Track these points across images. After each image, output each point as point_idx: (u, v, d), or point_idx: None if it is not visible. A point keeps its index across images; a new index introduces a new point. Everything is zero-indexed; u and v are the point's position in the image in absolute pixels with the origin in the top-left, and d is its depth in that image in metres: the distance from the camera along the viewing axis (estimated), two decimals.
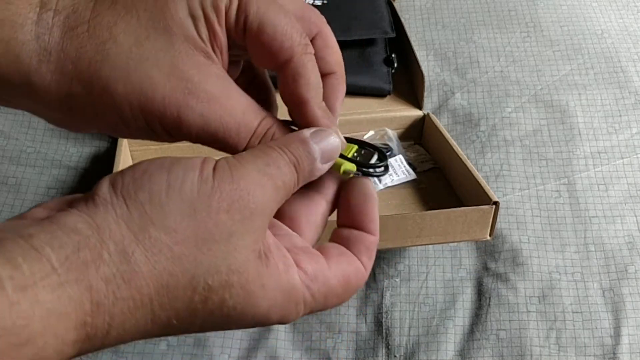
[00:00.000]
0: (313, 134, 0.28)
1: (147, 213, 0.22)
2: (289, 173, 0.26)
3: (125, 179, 0.23)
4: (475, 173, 0.55)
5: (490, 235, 0.53)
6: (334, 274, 0.27)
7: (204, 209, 0.23)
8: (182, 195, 0.23)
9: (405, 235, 0.51)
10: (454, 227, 0.51)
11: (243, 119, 0.27)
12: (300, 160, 0.26)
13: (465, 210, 0.51)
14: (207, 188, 0.23)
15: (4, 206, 0.59)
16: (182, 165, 0.23)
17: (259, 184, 0.24)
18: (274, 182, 0.25)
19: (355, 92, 0.68)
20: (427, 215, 0.51)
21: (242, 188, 0.24)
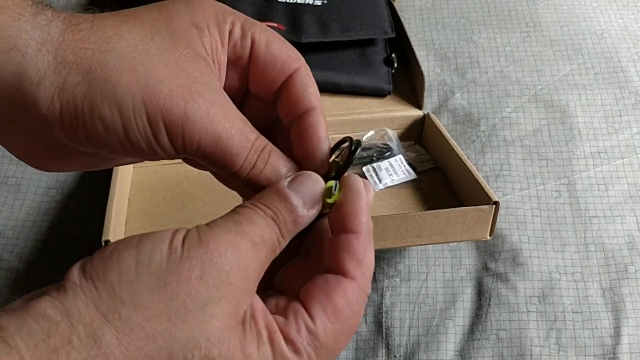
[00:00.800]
0: (290, 182, 0.26)
1: (116, 292, 0.21)
2: (266, 227, 0.24)
3: (94, 261, 0.22)
4: (475, 173, 0.55)
5: (491, 235, 0.53)
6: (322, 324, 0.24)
7: (174, 280, 0.22)
8: (151, 270, 0.22)
9: (406, 235, 0.51)
10: (454, 227, 0.51)
11: (243, 128, 0.26)
12: (279, 213, 0.25)
13: (465, 210, 0.51)
14: (176, 257, 0.22)
15: (4, 206, 0.59)
16: (151, 239, 0.23)
17: (231, 245, 0.23)
18: (250, 239, 0.24)
19: (355, 92, 0.68)
20: (427, 215, 0.51)
21: (212, 251, 0.22)
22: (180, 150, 0.26)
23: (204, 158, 0.26)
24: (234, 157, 0.26)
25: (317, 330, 0.24)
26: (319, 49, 0.69)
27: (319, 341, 0.24)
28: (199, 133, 0.25)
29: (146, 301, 0.21)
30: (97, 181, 0.62)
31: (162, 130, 0.25)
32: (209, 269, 0.22)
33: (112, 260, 0.22)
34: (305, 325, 0.24)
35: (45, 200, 0.60)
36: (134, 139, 0.25)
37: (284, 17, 0.70)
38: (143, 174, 0.63)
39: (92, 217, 0.59)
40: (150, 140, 0.25)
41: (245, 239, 0.23)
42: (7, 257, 0.56)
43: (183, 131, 0.25)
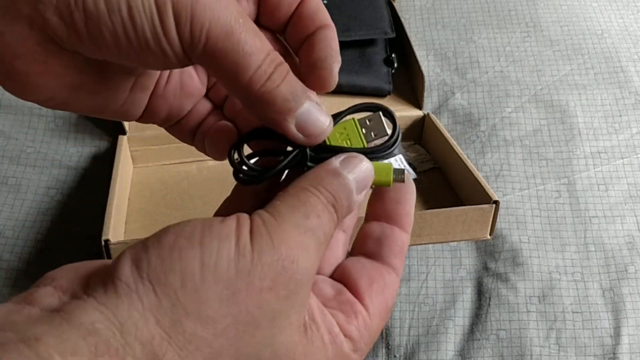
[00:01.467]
0: (343, 163, 0.24)
1: (180, 301, 0.18)
2: (329, 220, 0.23)
3: (152, 258, 0.19)
4: (475, 172, 0.55)
5: (491, 234, 0.53)
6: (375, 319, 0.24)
7: (244, 289, 0.19)
8: (219, 276, 0.19)
9: None
10: (454, 226, 0.51)
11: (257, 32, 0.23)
12: (338, 198, 0.23)
13: (466, 209, 0.51)
14: (246, 263, 0.19)
15: (4, 206, 0.59)
16: (216, 236, 0.20)
17: (302, 247, 0.21)
18: (317, 238, 0.22)
19: (355, 92, 0.68)
20: (427, 214, 0.51)
21: (285, 257, 0.20)
22: (187, 40, 0.22)
23: (213, 57, 0.22)
24: (248, 56, 0.22)
25: (372, 326, 0.24)
26: None
27: (371, 336, 0.24)
28: (210, 19, 0.22)
29: (214, 313, 0.19)
30: (97, 181, 0.62)
31: (169, 11, 0.21)
32: (282, 278, 0.20)
33: (174, 260, 0.19)
34: (364, 323, 0.24)
35: (45, 200, 0.60)
36: (138, 22, 0.21)
37: None
38: (143, 174, 0.63)
39: (92, 217, 0.59)
40: (155, 23, 0.21)
41: (314, 238, 0.22)
42: (7, 257, 0.56)
43: (192, 15, 0.21)
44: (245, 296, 0.19)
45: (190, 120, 0.29)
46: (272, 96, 0.23)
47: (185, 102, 0.28)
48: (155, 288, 0.18)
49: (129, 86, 0.26)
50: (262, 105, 0.23)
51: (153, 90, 0.27)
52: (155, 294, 0.18)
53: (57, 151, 0.64)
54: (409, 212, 0.27)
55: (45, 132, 0.65)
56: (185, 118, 0.29)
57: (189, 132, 0.29)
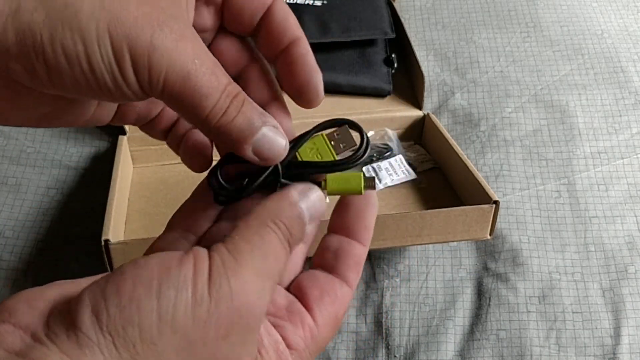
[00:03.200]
0: (301, 194, 0.25)
1: (139, 354, 0.19)
2: (284, 256, 0.23)
3: (110, 309, 0.19)
4: (475, 173, 0.55)
5: (491, 234, 0.53)
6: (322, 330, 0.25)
7: (200, 339, 0.20)
8: (176, 327, 0.19)
9: (405, 234, 0.51)
10: (454, 226, 0.51)
11: (214, 69, 0.24)
12: (293, 232, 0.24)
13: (466, 209, 0.51)
14: (203, 312, 0.20)
15: (4, 206, 0.59)
16: (173, 285, 0.20)
17: (259, 293, 0.21)
18: (273, 280, 0.22)
19: (355, 92, 0.68)
20: (427, 214, 0.51)
21: (242, 306, 0.21)
22: (146, 85, 0.23)
23: (171, 98, 0.23)
24: (204, 98, 0.23)
25: (320, 336, 0.25)
26: (319, 49, 0.69)
27: (318, 345, 0.25)
28: (167, 66, 0.22)
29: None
30: (97, 181, 0.62)
31: (127, 61, 0.22)
32: (237, 327, 0.21)
33: (132, 312, 0.19)
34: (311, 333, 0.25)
35: (45, 200, 0.60)
36: (97, 72, 0.22)
37: None
38: (143, 174, 0.63)
39: (92, 217, 0.59)
40: (114, 72, 0.22)
41: (270, 281, 0.22)
42: (7, 257, 0.56)
43: (149, 63, 0.22)
44: (201, 346, 0.20)
45: (161, 122, 0.30)
46: (228, 129, 0.24)
47: (153, 107, 0.29)
48: (115, 341, 0.19)
49: (95, 104, 0.27)
50: (220, 136, 0.25)
51: None
52: (115, 347, 0.19)
53: (57, 151, 0.64)
54: (369, 226, 0.27)
55: (45, 132, 0.65)
56: (156, 120, 0.30)
57: (161, 132, 0.30)
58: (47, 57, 0.22)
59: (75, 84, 0.22)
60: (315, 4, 0.72)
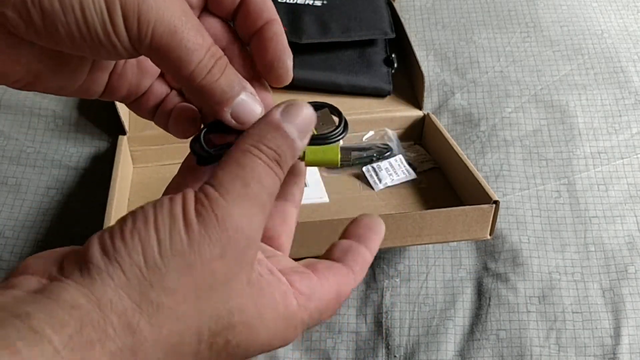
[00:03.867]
0: (284, 113, 0.26)
1: (145, 277, 0.21)
2: (273, 178, 0.25)
3: (116, 242, 0.22)
4: (475, 172, 0.55)
5: (491, 234, 0.53)
6: (327, 289, 0.27)
7: (198, 260, 0.22)
8: (174, 251, 0.22)
9: (406, 234, 0.51)
10: (454, 226, 0.51)
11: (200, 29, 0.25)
12: (281, 152, 0.25)
13: (466, 209, 0.51)
14: (195, 237, 0.22)
15: (4, 206, 0.59)
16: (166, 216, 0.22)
17: (245, 215, 0.23)
18: (260, 202, 0.24)
19: (355, 92, 0.68)
20: (427, 214, 0.51)
21: (229, 228, 0.22)
22: (134, 36, 0.24)
23: (159, 52, 0.25)
24: (190, 53, 0.25)
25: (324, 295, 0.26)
26: (319, 49, 0.69)
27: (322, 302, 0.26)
28: (155, 19, 0.24)
29: (174, 284, 0.22)
30: (97, 181, 0.62)
31: (118, 10, 0.23)
32: (229, 247, 0.22)
33: (135, 242, 0.22)
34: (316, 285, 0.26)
35: (45, 201, 0.60)
36: (89, 20, 0.23)
37: (284, 18, 0.70)
38: (143, 174, 0.63)
39: (92, 217, 0.59)
40: (105, 21, 0.24)
41: (256, 203, 0.24)
42: (7, 257, 0.56)
43: (139, 14, 0.24)
44: (199, 266, 0.22)
45: (150, 99, 0.31)
46: (211, 88, 0.26)
47: (143, 80, 0.31)
48: (123, 267, 0.21)
49: (87, 68, 0.28)
50: (203, 95, 0.26)
51: (112, 69, 0.30)
52: (123, 273, 0.21)
53: (57, 151, 0.64)
54: (378, 238, 0.29)
55: (45, 132, 0.65)
56: (145, 96, 0.31)
57: (149, 110, 0.32)
58: (42, 4, 0.23)
59: (69, 33, 0.24)
60: (315, 4, 0.72)
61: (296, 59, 0.75)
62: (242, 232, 0.23)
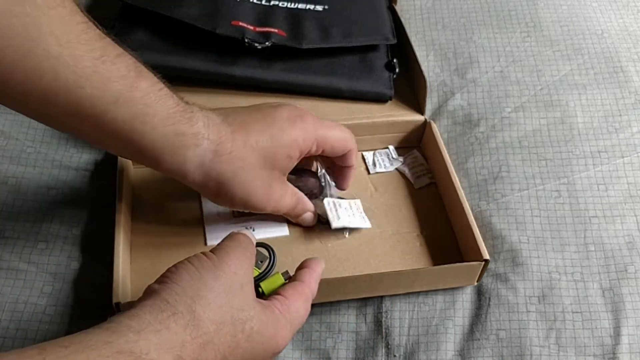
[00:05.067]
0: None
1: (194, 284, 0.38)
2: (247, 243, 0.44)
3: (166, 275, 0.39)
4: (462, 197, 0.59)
5: (478, 281, 0.56)
6: (293, 302, 0.43)
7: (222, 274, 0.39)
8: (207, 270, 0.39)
9: (399, 286, 0.54)
10: (445, 277, 0.55)
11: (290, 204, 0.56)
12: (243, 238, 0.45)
13: (458, 266, 0.54)
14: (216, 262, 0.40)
15: (4, 206, 0.59)
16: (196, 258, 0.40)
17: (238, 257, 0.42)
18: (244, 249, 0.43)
19: (356, 98, 0.68)
20: (421, 271, 0.54)
21: (234, 257, 0.41)
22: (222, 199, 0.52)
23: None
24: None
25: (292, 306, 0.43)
26: (320, 54, 0.68)
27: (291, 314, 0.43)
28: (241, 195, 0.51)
29: (212, 285, 0.38)
30: (97, 181, 0.62)
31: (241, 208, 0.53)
32: (237, 265, 0.41)
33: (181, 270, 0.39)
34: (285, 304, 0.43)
35: (45, 201, 0.60)
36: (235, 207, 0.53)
37: (284, 23, 0.69)
38: (143, 176, 0.63)
39: (91, 217, 0.59)
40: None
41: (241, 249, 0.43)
42: (7, 257, 0.56)
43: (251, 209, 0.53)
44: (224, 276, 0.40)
45: None
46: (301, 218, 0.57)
47: None
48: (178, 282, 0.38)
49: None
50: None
51: None
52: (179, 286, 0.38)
53: (57, 151, 0.64)
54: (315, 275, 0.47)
55: (46, 132, 0.66)
56: None
57: None
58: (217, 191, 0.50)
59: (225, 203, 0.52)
60: (316, 9, 0.72)
61: (297, 63, 0.76)
62: (242, 259, 0.42)
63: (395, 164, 0.66)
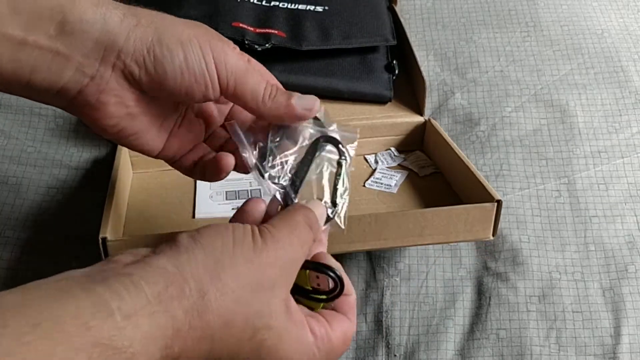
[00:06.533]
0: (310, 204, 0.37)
1: (219, 260, 0.29)
2: (308, 233, 0.35)
3: (201, 231, 0.31)
4: (477, 173, 0.55)
5: (494, 234, 0.52)
6: (336, 335, 0.34)
7: (257, 260, 0.30)
8: (244, 248, 0.30)
9: (407, 233, 0.50)
10: (455, 225, 0.51)
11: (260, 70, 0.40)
12: (312, 221, 0.35)
13: (467, 207, 0.50)
14: (258, 245, 0.31)
15: (4, 205, 0.59)
16: (241, 229, 0.31)
17: (291, 245, 0.33)
18: (300, 240, 0.34)
19: (356, 99, 0.68)
20: (429, 212, 0.50)
21: (280, 247, 0.32)
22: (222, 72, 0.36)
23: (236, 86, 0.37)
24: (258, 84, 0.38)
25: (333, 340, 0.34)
26: (320, 55, 0.68)
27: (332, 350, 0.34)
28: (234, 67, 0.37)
29: (239, 271, 0.30)
30: (97, 181, 0.62)
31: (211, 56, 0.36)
32: (278, 260, 0.31)
33: (217, 234, 0.30)
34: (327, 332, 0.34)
35: (45, 200, 0.60)
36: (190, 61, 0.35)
37: (284, 24, 0.69)
38: (142, 179, 0.63)
39: (92, 217, 0.59)
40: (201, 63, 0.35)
41: (298, 239, 0.33)
42: (7, 257, 0.56)
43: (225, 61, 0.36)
44: (257, 265, 0.30)
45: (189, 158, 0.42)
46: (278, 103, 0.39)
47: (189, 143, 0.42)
48: (205, 249, 0.29)
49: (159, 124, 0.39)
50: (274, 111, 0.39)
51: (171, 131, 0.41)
52: (204, 252, 0.29)
53: (57, 151, 0.64)
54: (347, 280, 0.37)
55: (46, 131, 0.66)
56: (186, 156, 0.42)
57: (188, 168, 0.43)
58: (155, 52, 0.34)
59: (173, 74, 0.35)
60: (316, 10, 0.72)
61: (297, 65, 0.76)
62: (288, 253, 0.32)
63: (398, 160, 0.65)
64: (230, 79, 0.36)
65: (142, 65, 0.34)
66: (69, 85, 0.34)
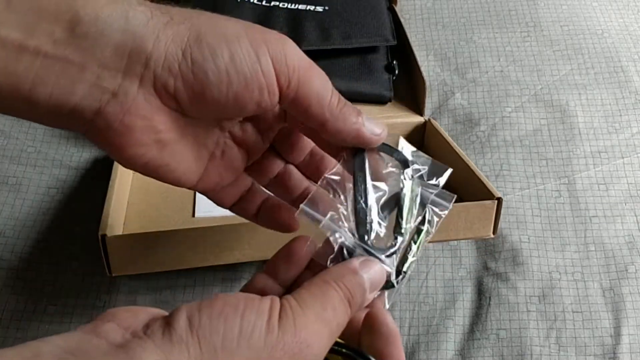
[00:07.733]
0: (361, 265, 0.29)
1: (218, 358, 0.23)
2: (343, 313, 0.27)
3: (203, 318, 0.24)
4: (477, 172, 0.55)
5: (494, 232, 0.52)
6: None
7: (265, 356, 0.24)
8: (251, 344, 0.24)
9: None
10: (455, 223, 0.50)
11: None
12: (354, 294, 0.28)
13: (468, 205, 0.50)
14: (273, 338, 0.24)
15: (4, 206, 0.59)
16: (254, 311, 0.24)
17: (317, 334, 0.25)
18: (330, 329, 0.26)
19: (356, 99, 0.68)
20: None
21: (302, 341, 0.25)
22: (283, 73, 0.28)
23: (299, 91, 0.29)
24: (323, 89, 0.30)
25: None
26: (320, 55, 0.68)
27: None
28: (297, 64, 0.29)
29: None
30: (97, 180, 0.62)
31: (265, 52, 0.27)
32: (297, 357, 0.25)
33: (220, 323, 0.24)
34: None
35: (45, 200, 0.60)
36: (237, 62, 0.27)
37: (284, 24, 0.69)
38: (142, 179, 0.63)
39: (92, 217, 0.59)
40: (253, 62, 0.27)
41: (328, 328, 0.26)
42: (7, 257, 0.56)
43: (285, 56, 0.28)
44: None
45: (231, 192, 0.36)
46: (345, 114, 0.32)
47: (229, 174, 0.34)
48: (201, 343, 0.23)
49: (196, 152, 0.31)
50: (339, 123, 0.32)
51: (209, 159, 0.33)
52: (200, 348, 0.23)
53: (57, 151, 0.64)
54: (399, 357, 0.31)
55: (46, 131, 0.66)
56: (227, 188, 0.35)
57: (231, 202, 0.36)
58: (193, 55, 0.26)
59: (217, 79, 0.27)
60: (316, 10, 0.72)
61: None
62: (311, 349, 0.25)
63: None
64: (292, 77, 0.28)
65: (177, 73, 0.26)
66: (84, 104, 0.26)
